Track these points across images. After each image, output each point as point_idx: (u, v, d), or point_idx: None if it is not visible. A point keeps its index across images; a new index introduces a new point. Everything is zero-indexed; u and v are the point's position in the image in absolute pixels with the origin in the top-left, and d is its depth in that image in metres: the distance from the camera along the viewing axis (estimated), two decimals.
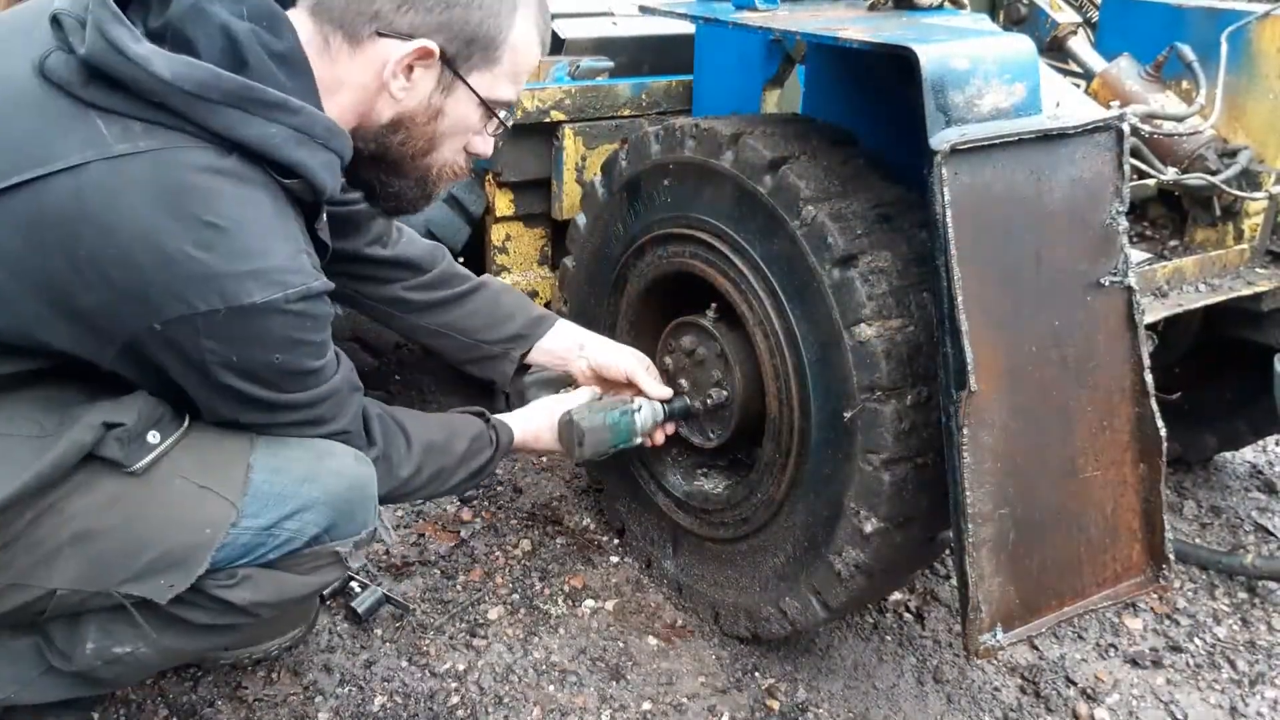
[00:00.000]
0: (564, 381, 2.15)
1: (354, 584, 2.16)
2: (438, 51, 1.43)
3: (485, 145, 1.61)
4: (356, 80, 1.43)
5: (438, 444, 1.75)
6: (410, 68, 1.43)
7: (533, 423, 1.97)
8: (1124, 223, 1.69)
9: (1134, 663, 2.17)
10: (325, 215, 1.54)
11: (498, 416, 1.92)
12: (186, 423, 1.45)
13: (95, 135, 1.24)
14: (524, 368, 2.10)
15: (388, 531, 1.67)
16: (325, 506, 1.50)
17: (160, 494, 1.40)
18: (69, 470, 1.35)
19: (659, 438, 2.08)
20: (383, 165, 1.54)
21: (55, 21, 1.28)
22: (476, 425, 1.84)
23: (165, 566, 1.40)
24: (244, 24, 1.32)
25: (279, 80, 1.34)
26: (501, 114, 1.57)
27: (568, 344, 2.08)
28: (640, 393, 2.05)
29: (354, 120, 1.47)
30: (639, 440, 2.02)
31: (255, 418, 1.46)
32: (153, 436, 1.40)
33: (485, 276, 2.11)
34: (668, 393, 2.08)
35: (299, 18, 1.41)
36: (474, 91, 1.49)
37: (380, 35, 1.40)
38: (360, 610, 2.11)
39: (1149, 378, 1.72)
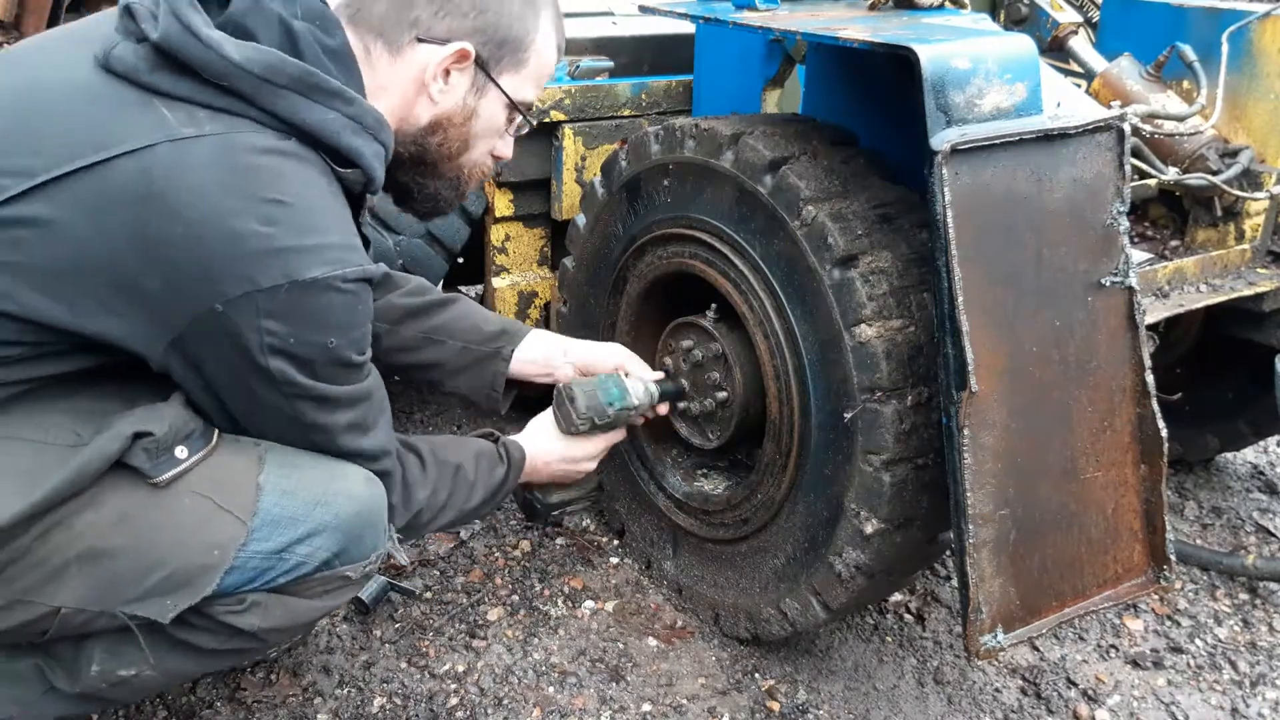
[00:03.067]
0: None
1: None
2: (473, 54, 1.50)
3: (507, 147, 1.67)
4: (396, 85, 1.50)
5: (451, 463, 1.72)
6: (448, 71, 1.50)
7: (538, 435, 1.94)
8: (1125, 223, 1.69)
9: (1135, 664, 2.17)
10: (368, 211, 1.56)
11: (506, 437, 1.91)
12: (215, 440, 1.43)
13: (160, 120, 1.27)
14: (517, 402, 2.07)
15: (400, 551, 1.64)
16: (336, 531, 1.47)
17: (170, 513, 1.38)
18: (92, 480, 1.33)
19: (662, 409, 2.07)
20: (421, 167, 1.60)
21: (127, 11, 1.32)
22: (487, 445, 1.82)
23: (172, 588, 1.38)
24: (300, 21, 1.37)
25: (333, 73, 1.38)
26: (527, 116, 1.64)
27: (549, 348, 2.04)
28: None
29: (394, 124, 1.51)
30: (633, 408, 1.96)
31: (308, 414, 1.42)
32: (180, 451, 1.38)
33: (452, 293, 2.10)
34: (658, 376, 2.09)
35: None
36: (504, 92, 1.56)
37: (420, 41, 1.47)
38: (365, 599, 2.11)
39: (1150, 378, 1.72)
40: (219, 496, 1.40)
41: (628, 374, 2.03)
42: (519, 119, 1.64)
